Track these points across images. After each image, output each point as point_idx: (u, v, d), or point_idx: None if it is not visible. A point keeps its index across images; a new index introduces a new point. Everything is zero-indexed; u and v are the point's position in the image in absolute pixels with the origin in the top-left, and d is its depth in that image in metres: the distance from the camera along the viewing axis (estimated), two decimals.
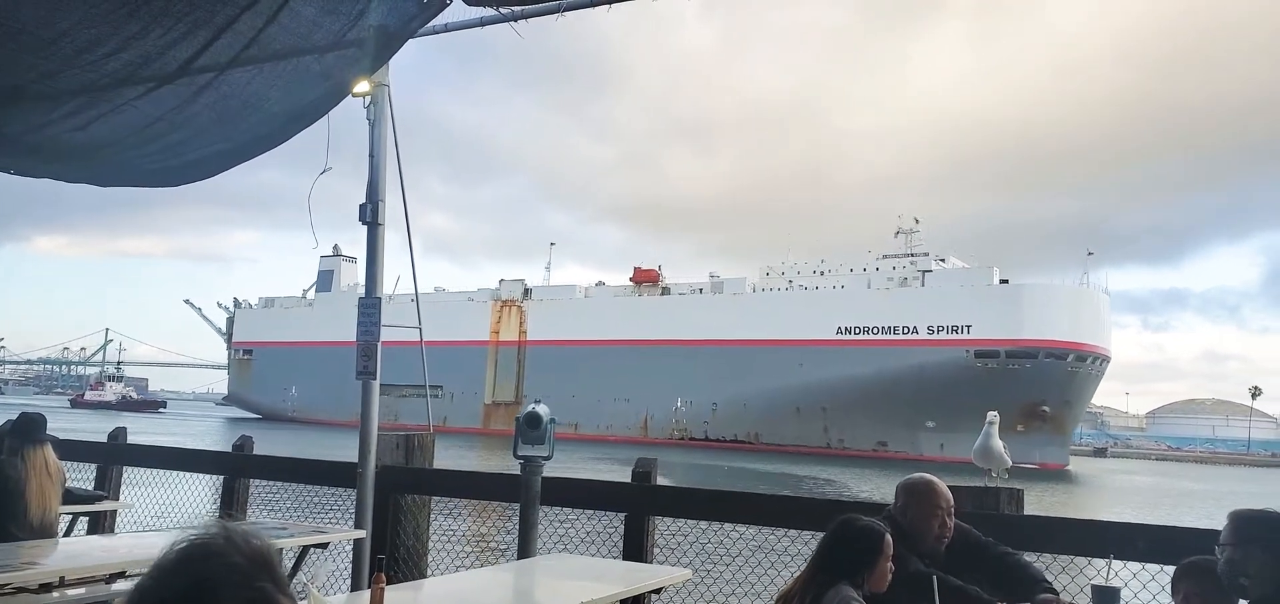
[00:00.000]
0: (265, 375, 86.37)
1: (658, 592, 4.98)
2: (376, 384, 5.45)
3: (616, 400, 70.43)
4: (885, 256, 69.53)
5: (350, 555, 5.46)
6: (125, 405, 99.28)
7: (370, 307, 5.41)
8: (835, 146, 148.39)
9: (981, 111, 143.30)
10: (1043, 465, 56.14)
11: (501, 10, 5.35)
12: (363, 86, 5.30)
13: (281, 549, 4.97)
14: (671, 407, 69.35)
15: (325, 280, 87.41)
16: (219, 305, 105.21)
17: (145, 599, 1.08)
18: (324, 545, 5.13)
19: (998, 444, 4.38)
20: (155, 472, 7.19)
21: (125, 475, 7.11)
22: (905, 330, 63.01)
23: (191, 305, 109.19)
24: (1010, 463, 4.43)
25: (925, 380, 59.78)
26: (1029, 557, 3.97)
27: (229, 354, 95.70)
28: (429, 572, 5.81)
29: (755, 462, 49.82)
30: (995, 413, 4.53)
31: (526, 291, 79.97)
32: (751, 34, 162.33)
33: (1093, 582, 3.50)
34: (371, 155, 5.54)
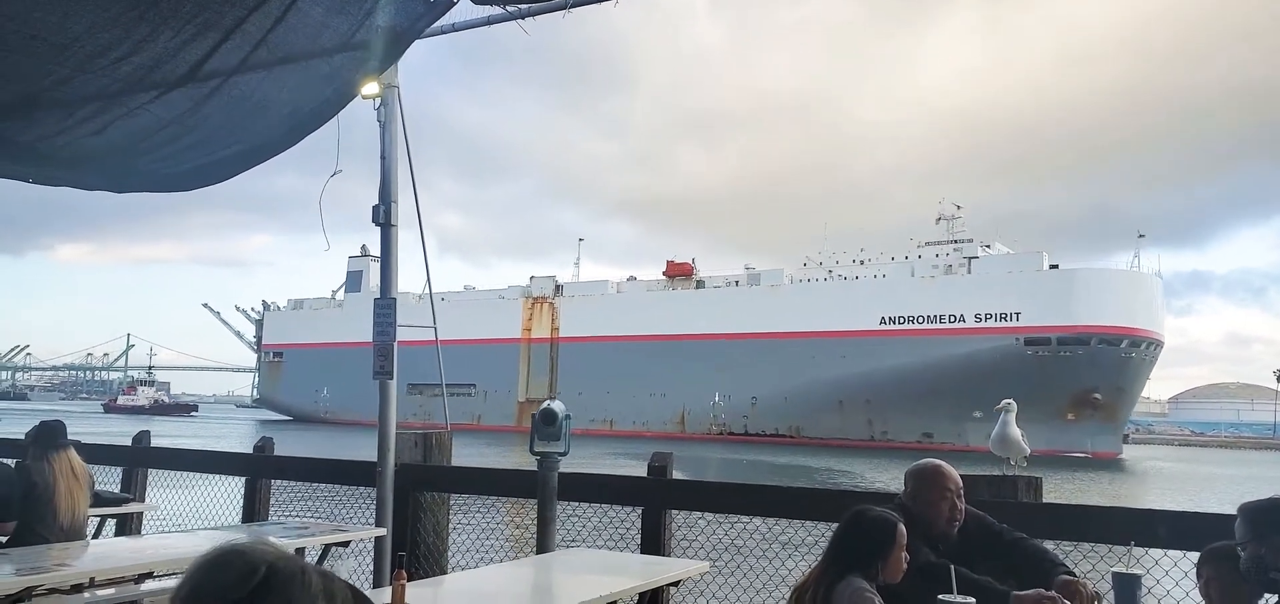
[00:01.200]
0: (296, 377, 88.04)
1: (676, 584, 5.09)
2: (393, 384, 5.62)
3: (652, 395, 70.83)
4: (927, 244, 69.01)
5: (372, 553, 5.65)
6: (158, 410, 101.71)
7: (385, 307, 5.59)
8: (845, 139, 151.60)
9: (990, 101, 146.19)
10: (1095, 454, 55.39)
11: (508, 8, 5.47)
12: (372, 88, 5.45)
13: (304, 548, 5.18)
14: (709, 401, 69.48)
15: (355, 281, 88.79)
16: (237, 308, 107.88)
17: None
18: (345, 544, 5.33)
19: (1015, 431, 4.43)
20: (178, 474, 7.49)
21: (150, 478, 7.41)
22: (952, 319, 62.52)
23: (210, 309, 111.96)
24: (1028, 450, 4.47)
25: (973, 370, 59.17)
26: (1048, 545, 4.02)
27: (259, 357, 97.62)
28: (449, 568, 6.00)
29: (794, 456, 49.69)
30: (1011, 400, 4.57)
31: (558, 288, 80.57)
32: (761, 29, 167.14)
33: (1113, 569, 3.54)
34: (383, 157, 5.71)
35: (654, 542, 5.32)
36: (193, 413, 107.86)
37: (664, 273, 78.17)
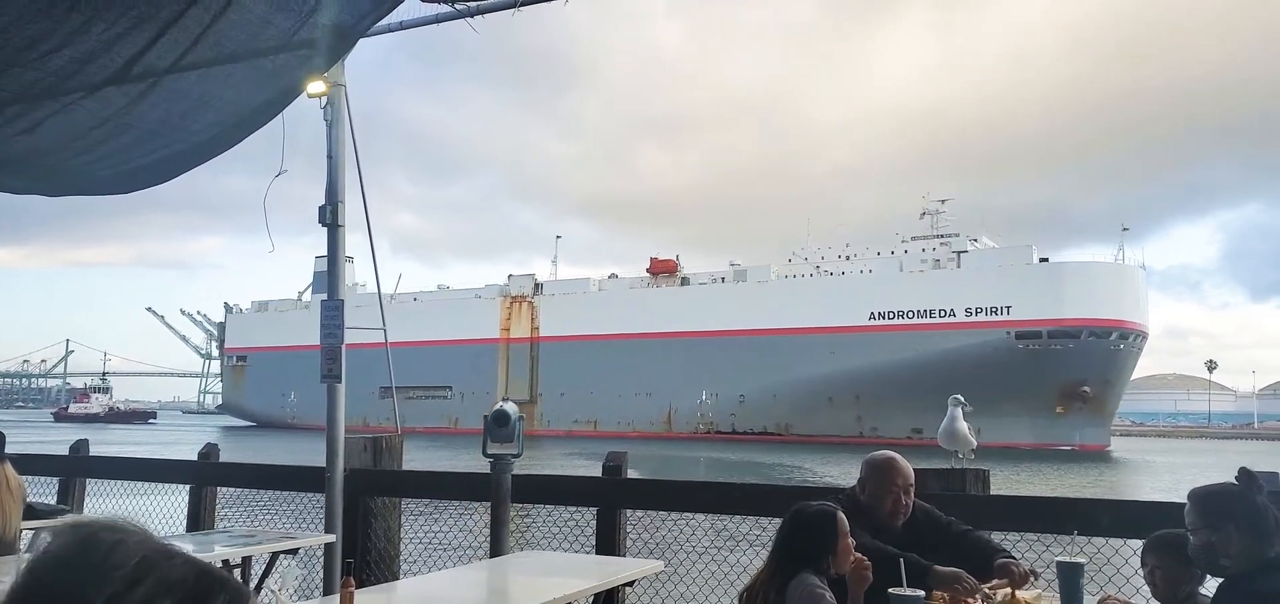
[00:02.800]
0: (261, 381, 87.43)
1: (630, 584, 5.21)
2: (341, 387, 5.70)
3: (638, 395, 71.31)
4: (914, 238, 70.48)
5: (322, 560, 5.72)
6: (113, 417, 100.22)
7: (332, 309, 5.66)
8: (803, 139, 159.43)
9: (944, 102, 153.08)
10: (1082, 447, 56.56)
11: (457, 6, 5.56)
12: (318, 86, 5.52)
13: (251, 556, 5.26)
14: (696, 400, 69.95)
15: (322, 282, 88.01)
16: (183, 312, 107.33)
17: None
18: (294, 551, 5.40)
19: (963, 426, 4.60)
20: (123, 483, 7.45)
21: (91, 488, 7.36)
22: (942, 313, 63.69)
23: (154, 313, 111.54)
24: (975, 444, 4.64)
25: (964, 364, 60.22)
26: (996, 535, 4.19)
27: (222, 361, 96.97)
28: (402, 573, 6.08)
29: (782, 454, 50.01)
30: (959, 395, 4.75)
31: (537, 286, 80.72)
32: (720, 29, 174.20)
33: (1058, 559, 3.70)
34: (330, 156, 5.78)
35: (609, 542, 5.44)
36: (151, 420, 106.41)
37: (647, 270, 78.56)
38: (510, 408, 5.62)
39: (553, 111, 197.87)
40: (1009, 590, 3.63)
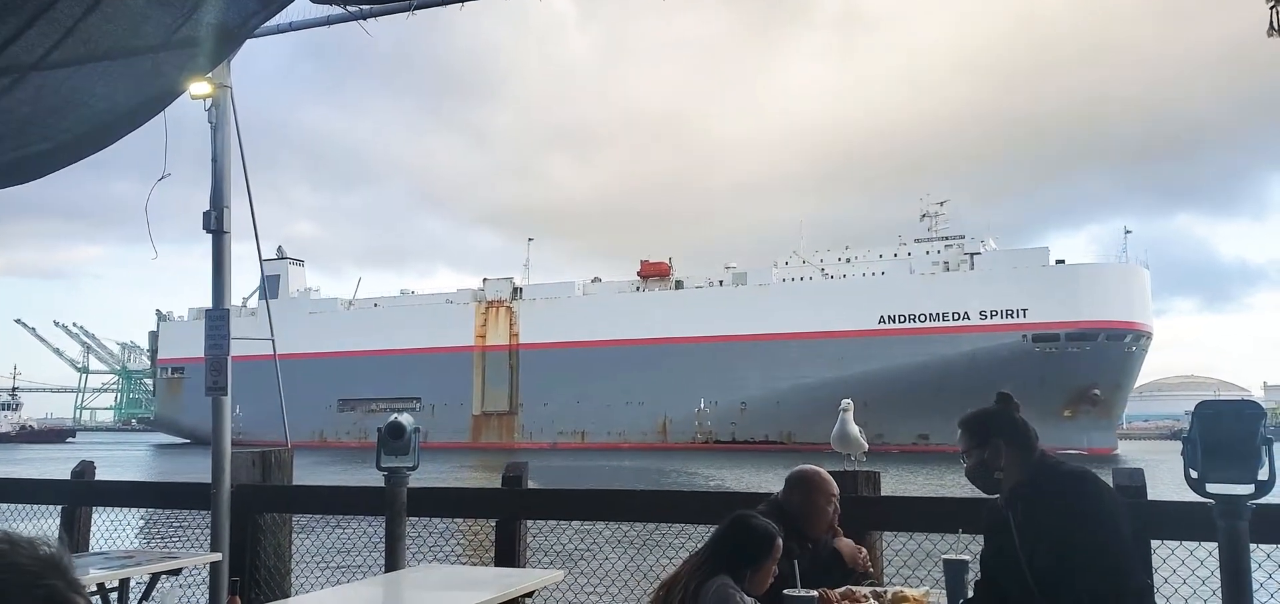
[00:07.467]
0: (200, 395, 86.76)
1: (529, 595, 5.55)
2: (227, 400, 5.99)
3: (629, 404, 72.17)
4: (918, 241, 72.85)
5: (207, 581, 6.02)
6: (26, 437, 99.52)
7: (218, 319, 5.95)
8: (707, 153, 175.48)
9: (841, 121, 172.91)
10: (1090, 451, 58.06)
11: (349, 8, 5.86)
12: (202, 88, 5.76)
13: (129, 579, 5.54)
14: (693, 408, 70.59)
15: (271, 286, 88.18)
16: (56, 324, 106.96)
17: None
18: (176, 572, 5.69)
19: (854, 429, 4.99)
20: None
21: None
22: (955, 316, 65.25)
23: (24, 325, 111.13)
24: (867, 447, 5.02)
25: (978, 367, 61.63)
26: (887, 536, 4.55)
27: (155, 373, 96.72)
28: (293, 590, 6.38)
29: (780, 463, 50.28)
30: (849, 400, 5.15)
31: (516, 290, 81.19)
32: (629, 45, 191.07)
33: (944, 557, 4.05)
34: (214, 161, 6.06)
35: (509, 554, 5.76)
36: (70, 440, 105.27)
37: (638, 273, 79.28)
38: (406, 420, 5.93)
39: (463, 122, 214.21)
40: (898, 588, 4.00)
